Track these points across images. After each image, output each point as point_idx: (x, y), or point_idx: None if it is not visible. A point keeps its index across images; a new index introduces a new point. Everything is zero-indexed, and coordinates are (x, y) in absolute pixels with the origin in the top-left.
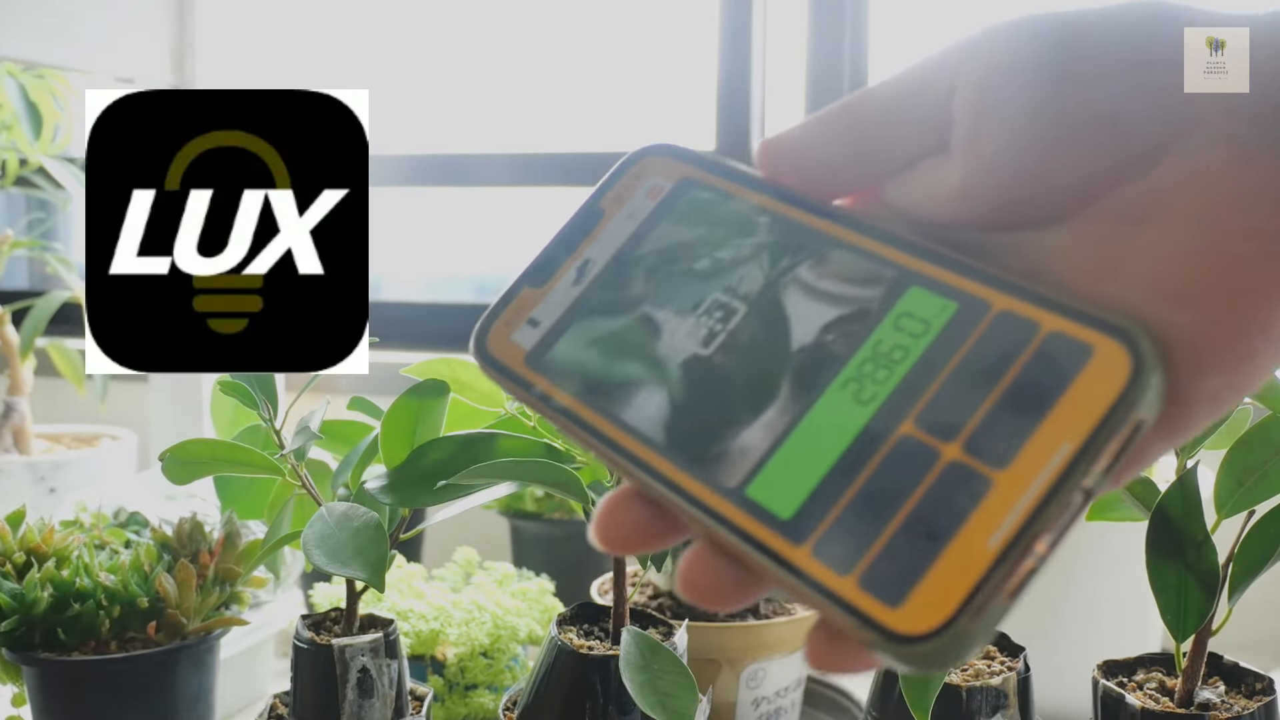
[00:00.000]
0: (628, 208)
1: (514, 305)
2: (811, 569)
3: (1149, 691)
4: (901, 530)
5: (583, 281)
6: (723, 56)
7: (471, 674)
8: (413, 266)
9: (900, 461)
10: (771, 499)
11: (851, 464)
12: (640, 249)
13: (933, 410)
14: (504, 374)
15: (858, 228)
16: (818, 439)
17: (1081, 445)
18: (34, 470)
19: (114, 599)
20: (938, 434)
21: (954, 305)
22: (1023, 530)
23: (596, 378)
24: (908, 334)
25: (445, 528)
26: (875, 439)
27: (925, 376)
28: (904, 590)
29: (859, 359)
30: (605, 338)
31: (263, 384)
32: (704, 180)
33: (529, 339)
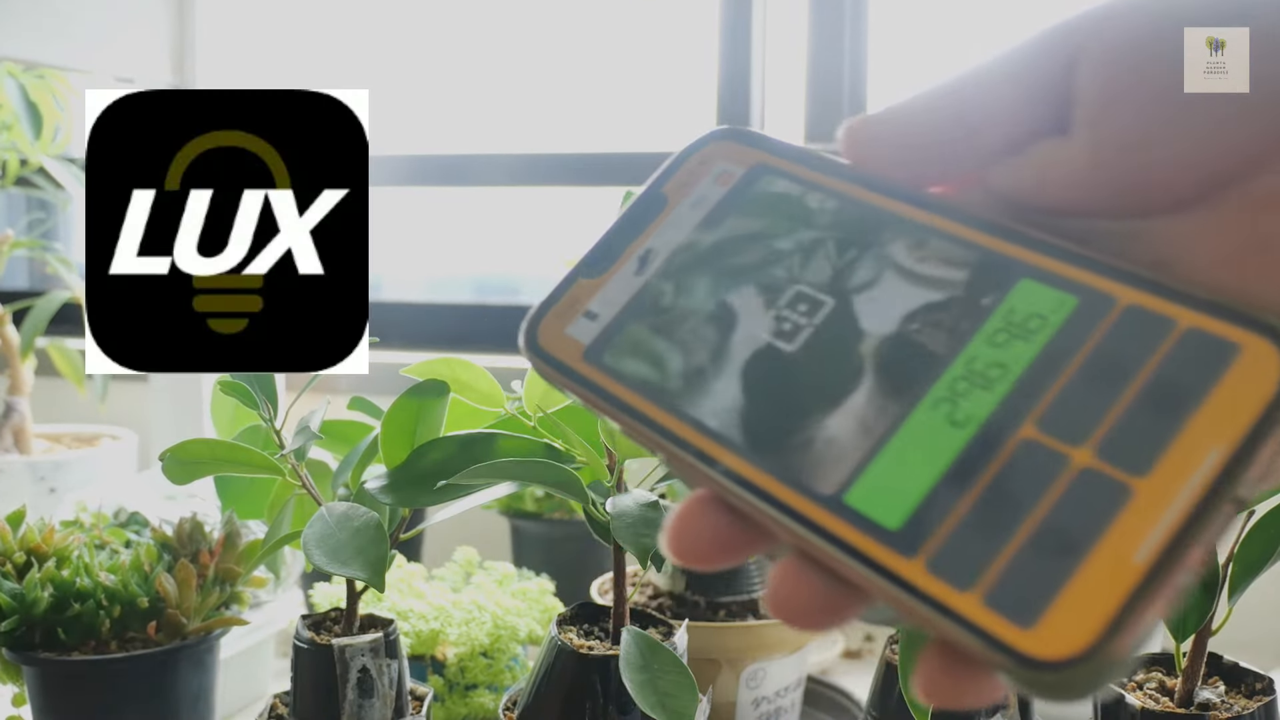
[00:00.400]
0: (694, 195)
1: (568, 297)
2: (928, 585)
3: (1149, 691)
4: (1031, 542)
5: (646, 271)
6: (723, 56)
7: (471, 674)
8: (413, 266)
9: (1023, 467)
10: (874, 507)
11: (966, 470)
12: (711, 238)
13: (1057, 412)
14: (559, 369)
15: (957, 216)
16: (924, 442)
17: (1236, 450)
18: (34, 470)
19: (114, 599)
20: (1065, 438)
21: (1073, 300)
22: (1174, 543)
23: (667, 374)
24: (1022, 330)
25: (445, 528)
26: (992, 442)
27: (1046, 376)
28: (1038, 609)
29: (967, 356)
30: (675, 331)
31: (263, 384)
32: (780, 166)
33: (587, 333)
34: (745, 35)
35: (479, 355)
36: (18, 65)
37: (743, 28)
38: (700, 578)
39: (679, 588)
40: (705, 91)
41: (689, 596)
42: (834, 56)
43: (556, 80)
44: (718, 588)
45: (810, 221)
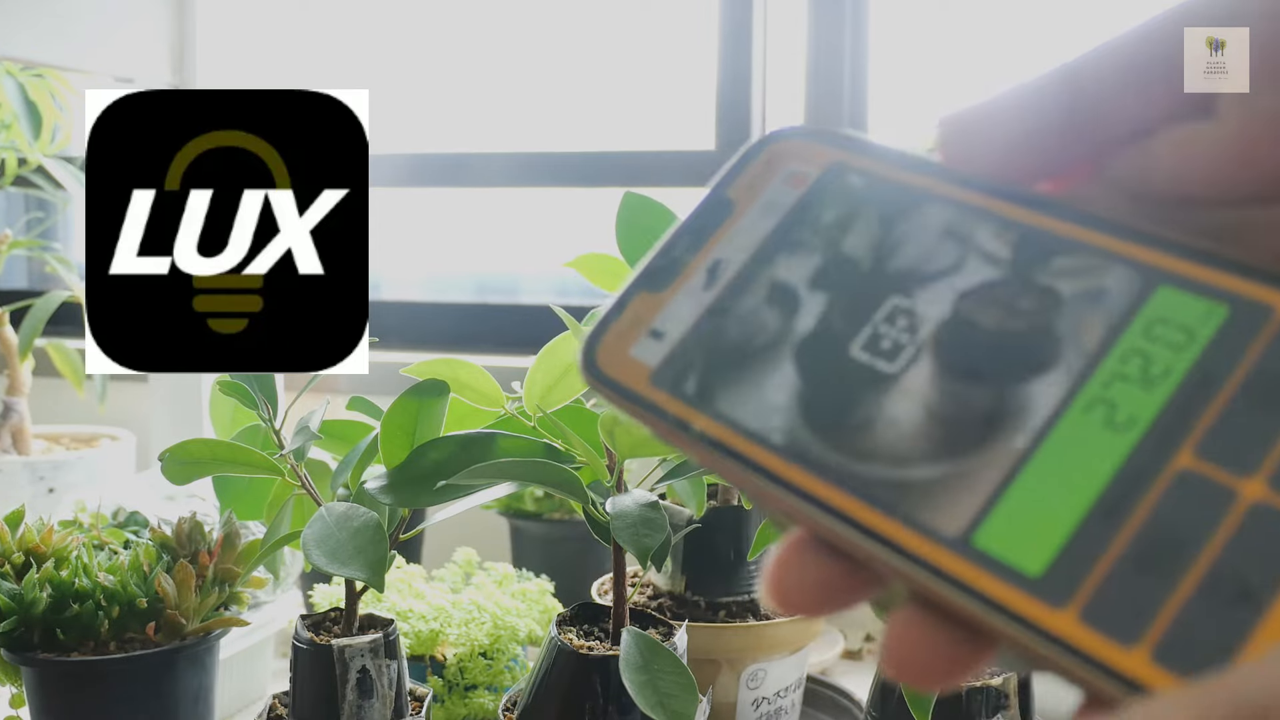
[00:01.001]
0: (764, 199)
1: (629, 313)
2: (1084, 640)
3: None
4: (1203, 589)
5: (717, 285)
6: (723, 56)
7: (471, 674)
8: (413, 266)
9: (1183, 503)
10: (1009, 550)
11: (1114, 506)
12: (789, 246)
13: (1218, 438)
14: (624, 396)
15: (1074, 216)
16: (1061, 475)
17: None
18: (33, 470)
19: (113, 599)
20: (1230, 468)
21: (1223, 309)
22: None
23: (751, 400)
24: (1165, 345)
25: (445, 528)
26: (1142, 475)
27: (1199, 397)
28: (1219, 665)
29: (1102, 376)
30: (758, 352)
31: (262, 384)
32: (860, 165)
33: (653, 354)
34: (745, 35)
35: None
36: (17, 65)
37: (743, 28)
38: (700, 578)
39: (679, 588)
40: (705, 91)
41: (689, 597)
42: (834, 56)
43: (556, 80)
44: (718, 588)
45: (902, 226)
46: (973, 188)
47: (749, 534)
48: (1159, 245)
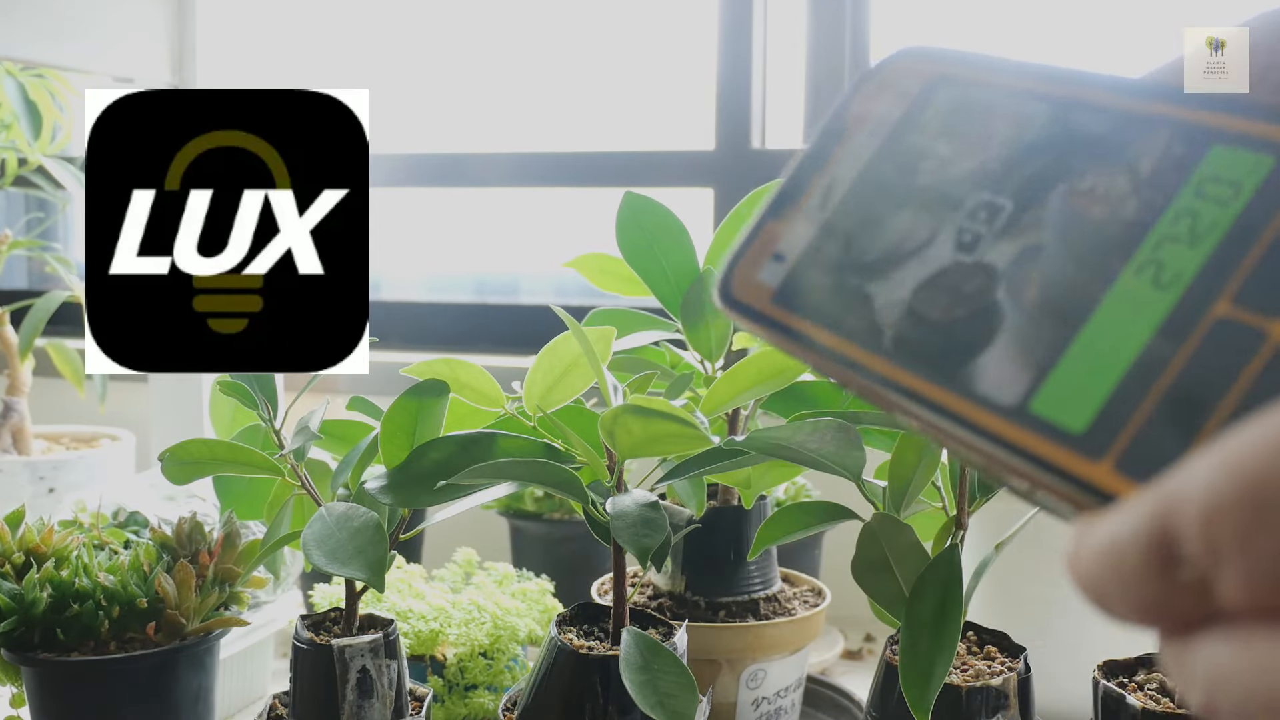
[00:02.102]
0: (873, 120)
1: (759, 243)
2: (1116, 486)
3: (1150, 692)
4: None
5: (829, 206)
6: (723, 56)
7: (471, 674)
8: (412, 266)
9: (1217, 350)
10: (1059, 412)
11: (1154, 360)
12: (890, 160)
13: (1255, 285)
14: (752, 317)
15: (1138, 92)
16: (1110, 336)
17: None
18: (33, 470)
19: (113, 599)
20: (1264, 311)
21: (1270, 160)
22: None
23: (855, 308)
24: (1214, 202)
25: (445, 528)
26: (1182, 328)
27: (1241, 248)
28: None
29: (1154, 239)
30: (860, 261)
31: (262, 384)
32: (953, 75)
33: (775, 275)
34: (745, 35)
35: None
36: (17, 65)
37: (743, 27)
38: (700, 578)
39: (679, 588)
40: (705, 91)
41: (689, 597)
42: (834, 56)
43: (556, 80)
44: (718, 588)
45: (987, 125)
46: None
47: (749, 534)
48: (1214, 105)
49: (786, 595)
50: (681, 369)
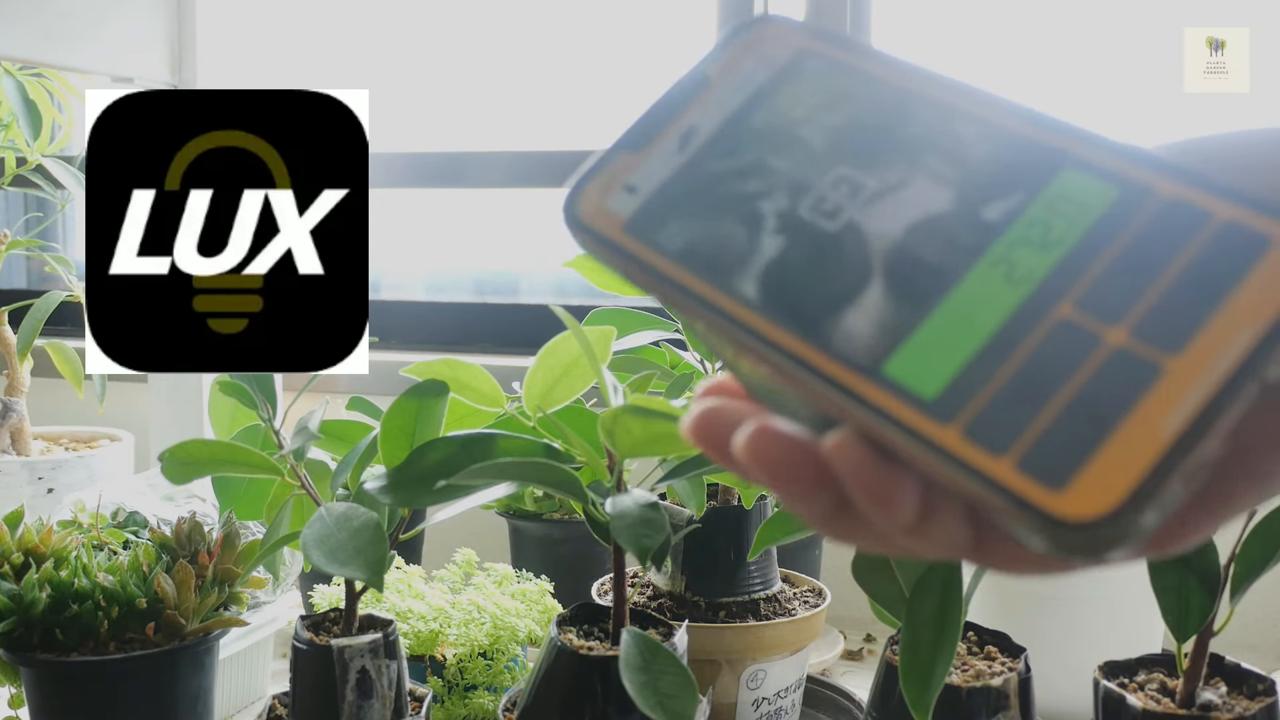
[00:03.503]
0: (737, 76)
1: (609, 170)
2: (962, 449)
3: (1150, 692)
4: (1064, 413)
5: (689, 149)
6: None
7: (471, 675)
8: (412, 266)
9: (1059, 344)
10: (913, 377)
11: (1002, 345)
12: (754, 118)
13: (1094, 295)
14: (599, 241)
15: (1001, 107)
16: (963, 318)
17: (1265, 332)
18: (32, 470)
19: (112, 600)
20: (1101, 318)
21: (1114, 189)
22: (1202, 415)
23: (708, 248)
24: (1063, 216)
25: (444, 528)
26: (1029, 320)
27: (1084, 260)
28: (1068, 473)
29: (1009, 239)
30: (719, 206)
31: (262, 384)
32: (825, 51)
33: (627, 205)
34: None
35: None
36: (16, 65)
37: None
38: (700, 578)
39: (679, 588)
40: None
41: (689, 597)
42: None
43: (556, 80)
44: (718, 588)
45: (853, 105)
46: (919, 77)
47: (749, 534)
48: (1068, 134)
49: (786, 595)
50: (681, 369)
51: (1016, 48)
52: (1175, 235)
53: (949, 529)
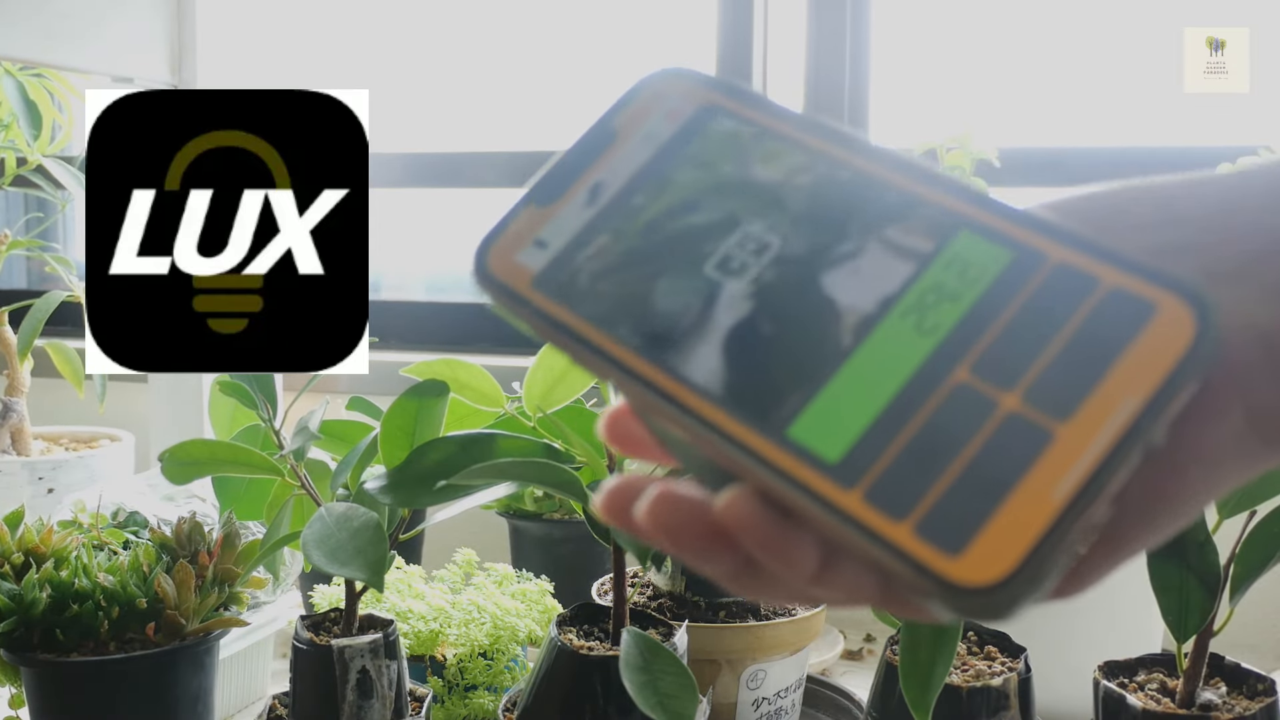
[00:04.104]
0: (644, 130)
1: (517, 224)
2: (863, 514)
3: (1150, 692)
4: (960, 479)
5: (597, 204)
6: (723, 57)
7: (471, 675)
8: (412, 266)
9: (956, 410)
10: (816, 441)
11: (902, 410)
12: (661, 174)
13: (988, 360)
14: (508, 296)
15: (902, 168)
16: (864, 383)
17: (1149, 400)
18: (32, 470)
19: (113, 600)
20: (995, 383)
21: (1008, 254)
22: (1090, 482)
23: (617, 306)
24: (959, 280)
25: (445, 528)
26: (927, 385)
27: (978, 325)
28: (964, 539)
29: (906, 303)
30: (625, 264)
31: (262, 384)
32: (729, 107)
33: (537, 260)
34: (745, 35)
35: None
36: (16, 65)
37: (743, 27)
38: (700, 578)
39: (679, 588)
40: None
41: (689, 597)
42: (834, 56)
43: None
44: (718, 589)
45: (759, 163)
46: (822, 136)
47: None
48: (965, 197)
49: None
50: None
51: (1016, 48)
52: (1066, 301)
53: (854, 579)
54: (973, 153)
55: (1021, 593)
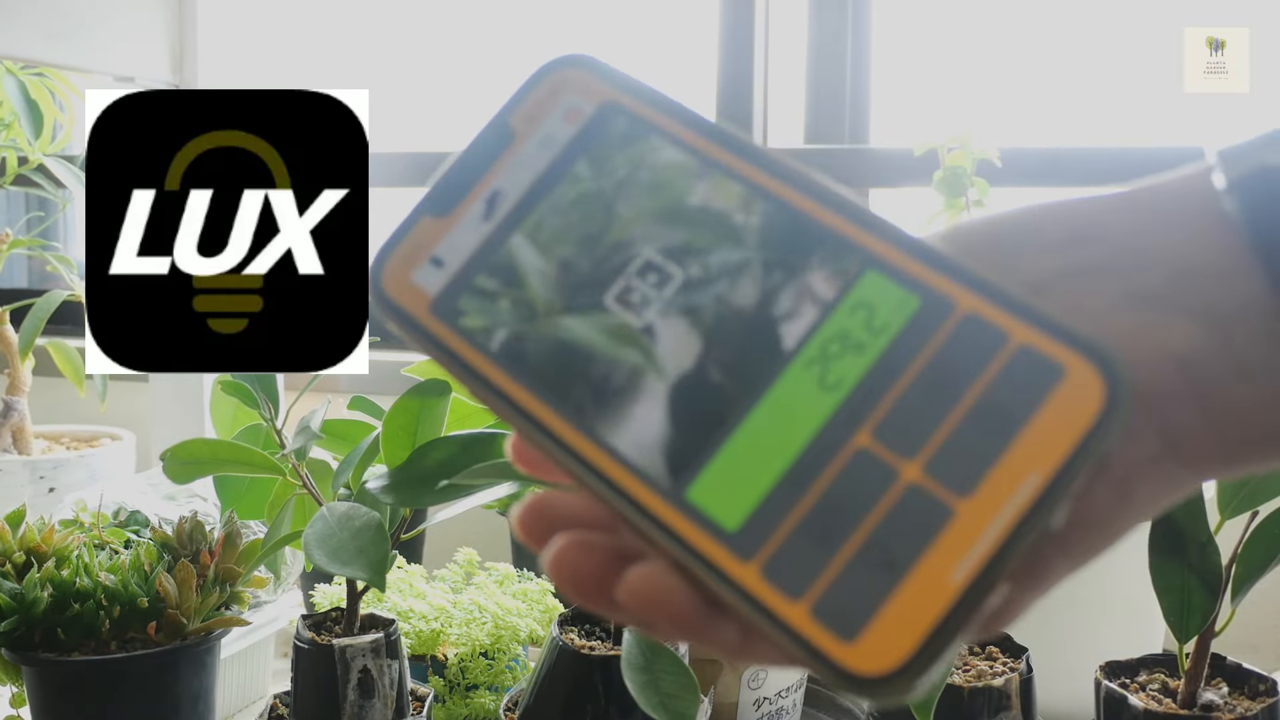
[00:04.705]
0: (542, 131)
1: (413, 237)
2: (761, 591)
3: (1151, 693)
4: (858, 556)
5: (494, 217)
6: (723, 56)
7: (472, 674)
8: None
9: (856, 478)
10: (716, 505)
11: (803, 474)
12: (557, 188)
13: (891, 423)
14: (407, 324)
15: (811, 191)
16: (766, 441)
17: (1050, 479)
18: (34, 470)
19: (114, 599)
20: (896, 451)
21: (916, 300)
22: (987, 568)
23: (513, 339)
24: (864, 329)
25: (446, 528)
26: (829, 449)
27: (882, 382)
28: (859, 625)
29: (810, 353)
30: (523, 292)
31: (264, 383)
32: (631, 108)
33: (433, 282)
34: (746, 35)
35: None
36: (17, 64)
37: (743, 28)
38: None
39: None
40: (705, 91)
41: None
42: (834, 56)
43: None
44: None
45: (659, 182)
46: (729, 147)
47: None
48: (875, 229)
49: None
50: None
51: (1016, 48)
52: (973, 358)
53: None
54: (973, 153)
55: (919, 675)
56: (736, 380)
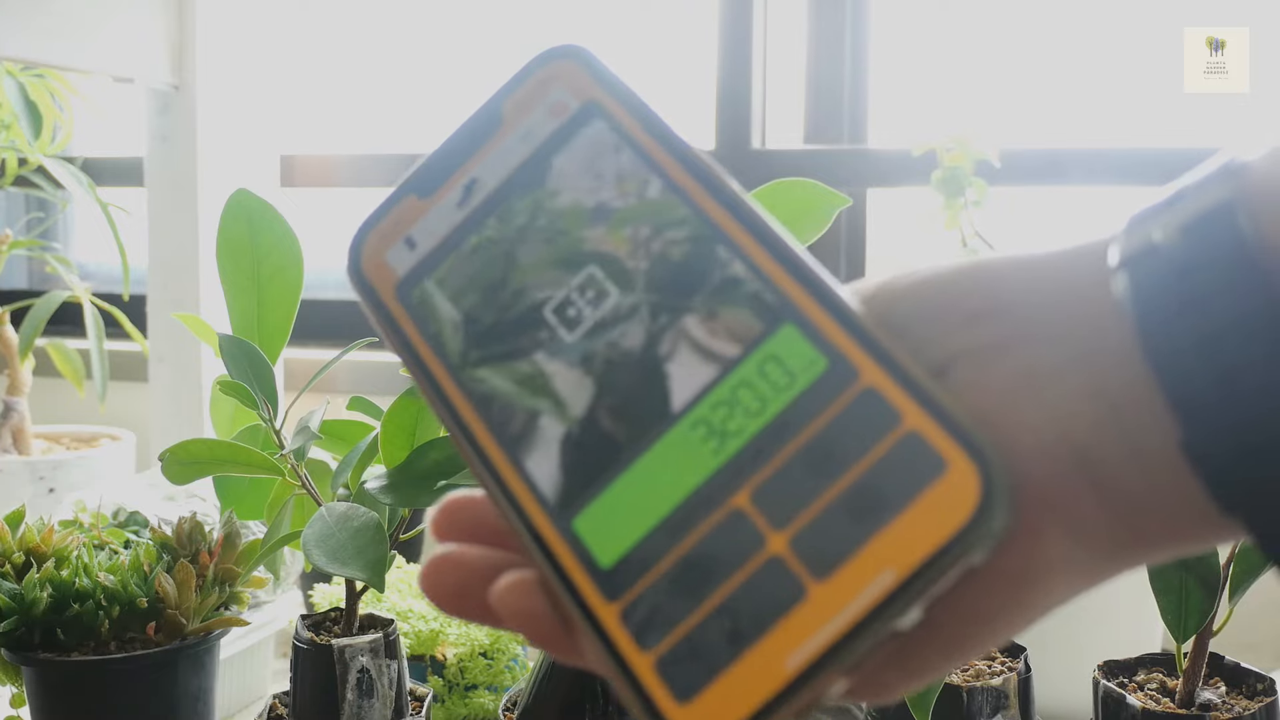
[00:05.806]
0: (526, 123)
1: (395, 214)
2: (616, 634)
3: (1150, 692)
4: (710, 620)
5: (467, 205)
6: (723, 56)
7: (471, 674)
8: None
9: (728, 538)
10: (596, 540)
11: (680, 525)
12: (525, 188)
13: (771, 488)
14: (372, 304)
15: (756, 232)
16: (654, 486)
17: (904, 580)
18: (33, 470)
19: (113, 599)
20: (769, 519)
21: (823, 362)
22: (822, 660)
23: (457, 338)
24: (769, 384)
25: None
26: (710, 503)
27: (773, 444)
28: (695, 689)
29: (713, 399)
30: (476, 289)
31: (263, 383)
32: (612, 111)
33: (403, 263)
34: (745, 35)
35: None
36: (17, 65)
37: (743, 28)
38: None
39: None
40: (705, 91)
41: None
42: (834, 57)
43: None
44: None
45: (623, 192)
46: (689, 170)
47: None
48: (803, 279)
49: None
50: None
51: (1016, 48)
52: (863, 436)
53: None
54: (972, 153)
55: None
56: (639, 417)
